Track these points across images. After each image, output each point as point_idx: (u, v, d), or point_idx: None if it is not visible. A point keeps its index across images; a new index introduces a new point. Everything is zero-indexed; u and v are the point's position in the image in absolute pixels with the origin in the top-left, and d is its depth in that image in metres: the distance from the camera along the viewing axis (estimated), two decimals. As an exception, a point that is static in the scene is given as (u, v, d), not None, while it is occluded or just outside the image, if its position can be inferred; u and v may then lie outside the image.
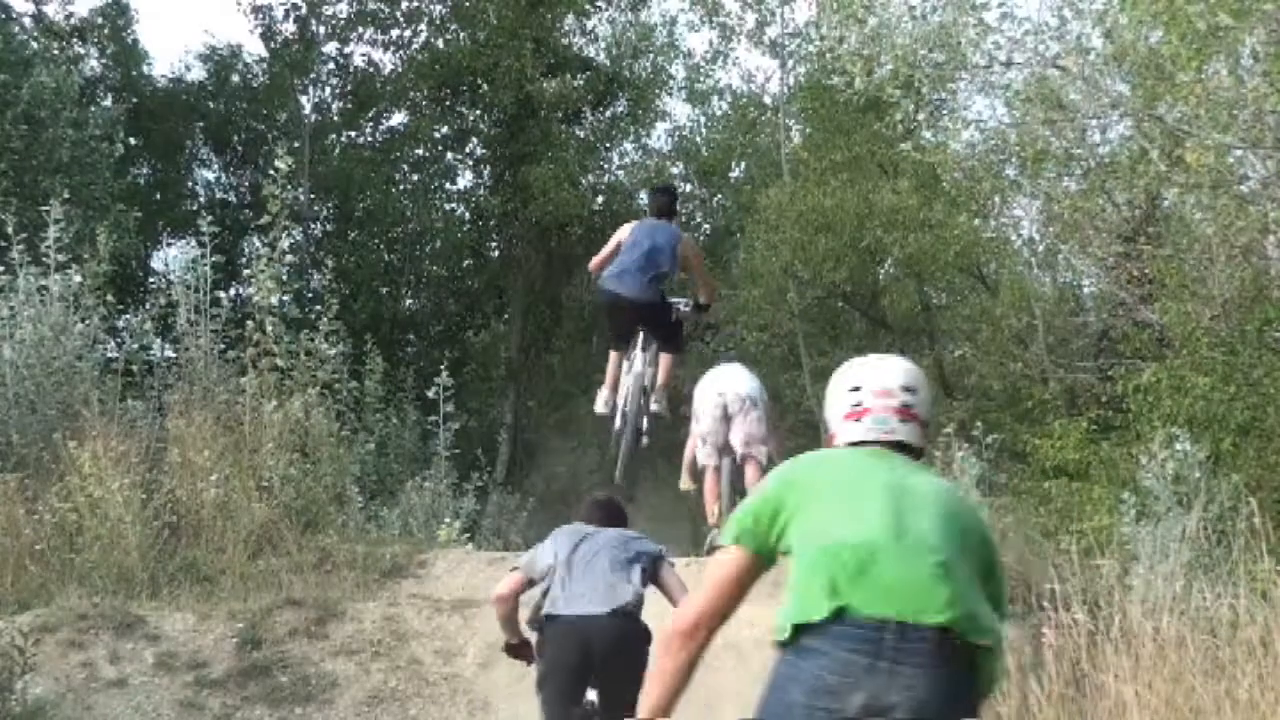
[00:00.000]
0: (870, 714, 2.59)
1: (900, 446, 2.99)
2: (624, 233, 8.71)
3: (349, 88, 20.23)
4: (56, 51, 16.97)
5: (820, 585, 2.70)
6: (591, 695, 5.12)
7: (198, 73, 20.24)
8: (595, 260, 8.86)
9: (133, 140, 17.70)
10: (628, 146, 21.18)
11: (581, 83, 18.92)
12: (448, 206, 20.84)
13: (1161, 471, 7.03)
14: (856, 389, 3.05)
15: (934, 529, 2.78)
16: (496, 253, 20.55)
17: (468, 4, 19.37)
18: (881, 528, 2.75)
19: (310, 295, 17.24)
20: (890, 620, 2.64)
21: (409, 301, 20.62)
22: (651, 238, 8.53)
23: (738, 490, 7.87)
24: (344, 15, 19.75)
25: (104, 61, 19.28)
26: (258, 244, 12.62)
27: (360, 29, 19.87)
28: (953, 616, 2.66)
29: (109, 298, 10.66)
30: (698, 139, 22.36)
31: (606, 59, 20.01)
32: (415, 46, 19.84)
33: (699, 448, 8.32)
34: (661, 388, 8.69)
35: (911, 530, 2.76)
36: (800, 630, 2.70)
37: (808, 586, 2.73)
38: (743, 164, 21.29)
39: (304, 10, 19.29)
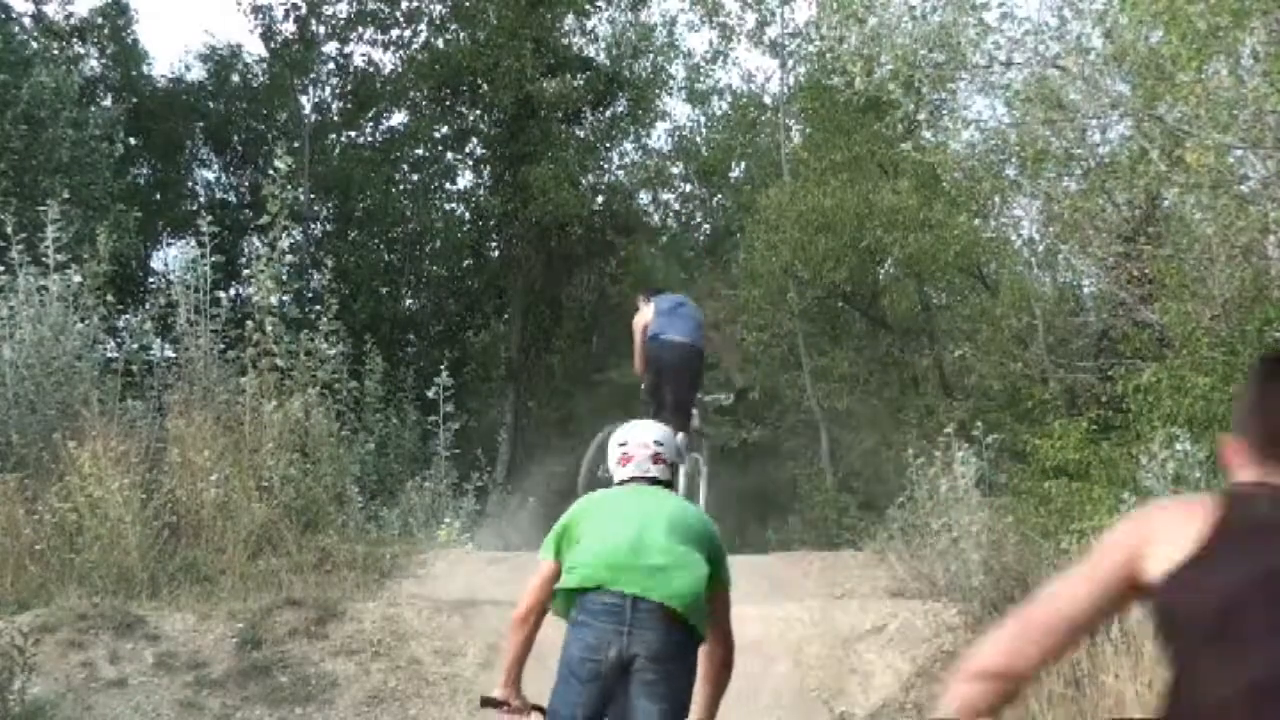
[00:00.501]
0: (621, 661, 4.01)
1: (655, 481, 4.47)
2: (647, 312, 8.83)
3: (349, 88, 20.23)
4: (56, 51, 16.97)
5: (583, 574, 4.12)
6: None
7: (198, 73, 20.30)
8: (638, 360, 8.89)
9: (133, 140, 17.70)
10: (628, 146, 21.21)
11: (581, 83, 18.91)
12: (448, 206, 20.85)
13: (1161, 471, 7.02)
14: (624, 444, 4.58)
15: (667, 537, 4.17)
16: (496, 253, 20.53)
17: (468, 4, 19.35)
18: (629, 538, 4.15)
19: (310, 295, 17.22)
20: (628, 600, 4.03)
21: (409, 301, 20.61)
22: (676, 299, 9.01)
23: None
24: (344, 15, 19.78)
25: (104, 61, 19.27)
26: (258, 244, 12.57)
27: (360, 29, 19.88)
28: (670, 595, 4.05)
29: (109, 298, 10.65)
30: (698, 139, 22.38)
31: (606, 59, 19.99)
32: (415, 46, 19.85)
33: None
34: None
35: (649, 538, 4.15)
36: (573, 601, 4.12)
37: (576, 570, 4.14)
38: (743, 164, 21.29)
39: (304, 10, 19.30)
